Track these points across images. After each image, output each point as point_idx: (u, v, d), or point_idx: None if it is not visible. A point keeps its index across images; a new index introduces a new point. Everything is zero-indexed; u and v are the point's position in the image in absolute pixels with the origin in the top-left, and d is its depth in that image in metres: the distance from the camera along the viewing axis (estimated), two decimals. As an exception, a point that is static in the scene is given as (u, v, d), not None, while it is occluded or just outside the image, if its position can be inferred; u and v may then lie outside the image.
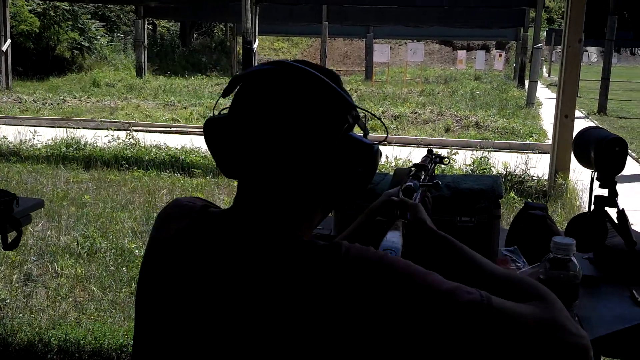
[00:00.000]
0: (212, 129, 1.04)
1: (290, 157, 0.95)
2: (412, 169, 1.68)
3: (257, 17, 16.13)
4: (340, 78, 1.03)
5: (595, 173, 1.71)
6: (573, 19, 6.88)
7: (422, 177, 1.62)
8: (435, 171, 2.08)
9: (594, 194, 1.78)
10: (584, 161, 1.80)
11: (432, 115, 12.45)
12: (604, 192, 1.76)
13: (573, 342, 0.94)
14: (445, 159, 2.07)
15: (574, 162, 6.91)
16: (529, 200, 3.25)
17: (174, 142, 8.84)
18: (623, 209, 1.63)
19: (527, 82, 18.11)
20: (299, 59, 1.04)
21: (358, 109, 1.02)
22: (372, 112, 1.09)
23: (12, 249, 2.23)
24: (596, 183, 1.73)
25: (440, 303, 0.90)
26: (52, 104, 13.33)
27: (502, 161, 7.73)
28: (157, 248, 1.06)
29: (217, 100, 1.09)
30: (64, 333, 3.32)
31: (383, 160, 7.16)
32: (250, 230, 0.96)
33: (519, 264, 1.78)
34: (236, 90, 1.00)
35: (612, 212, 1.73)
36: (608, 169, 1.62)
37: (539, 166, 7.68)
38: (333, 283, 0.89)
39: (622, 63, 41.49)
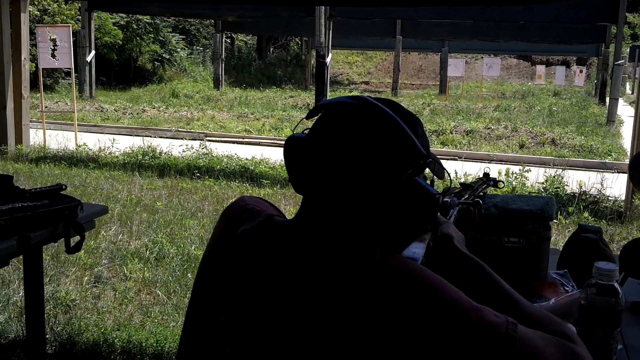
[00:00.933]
0: (291, 146, 1.11)
1: (350, 188, 1.00)
2: (459, 188, 1.69)
3: (331, 31, 16.29)
4: (421, 123, 1.08)
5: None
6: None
7: (466, 196, 1.63)
8: (496, 191, 2.07)
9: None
10: (639, 185, 1.75)
11: (506, 131, 12.22)
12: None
13: None
14: (500, 182, 2.06)
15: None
16: (583, 222, 3.16)
17: (246, 152, 9.04)
18: (676, 236, 1.58)
19: (607, 99, 17.51)
20: (384, 98, 1.09)
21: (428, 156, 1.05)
22: (439, 160, 1.12)
23: (74, 253, 2.35)
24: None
25: (464, 320, 0.91)
26: (131, 113, 13.87)
27: (577, 180, 7.51)
28: (221, 244, 1.14)
29: (300, 121, 1.16)
30: (128, 335, 3.45)
31: (452, 175, 7.08)
32: (306, 244, 1.03)
33: (567, 288, 1.75)
34: (319, 115, 1.07)
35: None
36: (661, 194, 1.57)
37: (616, 186, 7.42)
38: (365, 289, 0.93)
39: None
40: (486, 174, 2.01)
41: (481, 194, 1.96)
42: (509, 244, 1.82)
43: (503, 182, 2.03)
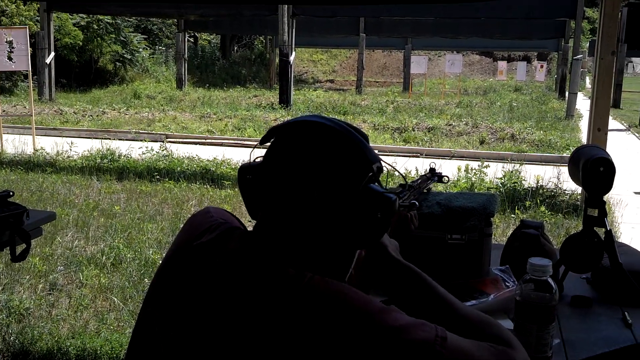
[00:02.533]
0: (245, 173, 1.15)
1: (311, 202, 1.03)
2: (399, 189, 1.69)
3: (294, 29, 16.26)
4: (367, 136, 1.14)
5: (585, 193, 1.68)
6: (606, 30, 6.76)
7: (405, 197, 1.63)
8: (436, 187, 2.08)
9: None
10: (576, 180, 1.78)
11: (467, 128, 12.34)
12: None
13: None
14: (445, 177, 2.07)
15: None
16: (524, 218, 3.20)
17: (208, 153, 8.98)
18: (610, 230, 1.61)
19: (567, 94, 17.81)
20: (332, 118, 1.14)
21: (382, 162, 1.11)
22: (392, 165, 1.23)
23: (20, 261, 2.30)
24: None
25: (389, 340, 0.92)
26: (91, 115, 13.66)
27: (535, 174, 7.62)
28: (177, 256, 1.14)
29: (255, 147, 1.18)
30: (82, 343, 3.40)
31: (412, 173, 7.13)
32: (253, 261, 1.03)
33: (508, 284, 1.77)
34: (273, 139, 1.10)
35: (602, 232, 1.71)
36: (595, 189, 1.59)
37: (569, 180, 7.54)
38: (288, 311, 0.94)
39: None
40: (432, 169, 2.02)
41: (425, 190, 1.97)
42: (452, 240, 1.83)
43: (448, 177, 2.04)
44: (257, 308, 0.97)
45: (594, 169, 1.55)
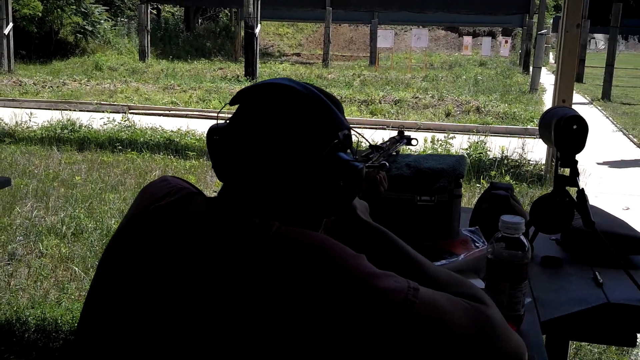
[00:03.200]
0: (213, 134, 1.10)
1: (274, 166, 1.00)
2: (368, 149, 1.64)
3: (259, 2, 16.01)
4: (341, 104, 1.10)
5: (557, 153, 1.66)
6: (571, 3, 6.78)
7: (375, 158, 1.59)
8: (403, 151, 2.04)
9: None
10: (547, 141, 1.75)
11: (433, 100, 12.37)
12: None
13: (507, 350, 0.91)
14: (414, 140, 2.03)
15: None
16: (493, 181, 3.19)
17: (172, 124, 8.82)
18: (583, 189, 1.59)
19: (531, 68, 17.95)
20: (291, 79, 1.09)
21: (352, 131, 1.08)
22: (360, 134, 1.19)
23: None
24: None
25: (361, 286, 0.88)
26: (51, 86, 13.29)
27: (500, 145, 7.68)
28: (133, 222, 1.08)
29: (224, 106, 1.15)
30: (42, 312, 3.31)
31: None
32: (216, 220, 0.98)
33: (478, 244, 1.74)
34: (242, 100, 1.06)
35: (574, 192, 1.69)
36: (567, 148, 1.57)
37: (537, 151, 7.62)
38: (256, 261, 0.90)
39: (630, 50, 41.13)
40: (400, 132, 1.98)
41: (394, 152, 1.93)
42: (421, 202, 1.80)
43: (417, 140, 2.00)
44: (221, 264, 0.92)
45: (567, 127, 1.53)
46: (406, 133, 1.95)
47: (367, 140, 1.22)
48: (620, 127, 11.16)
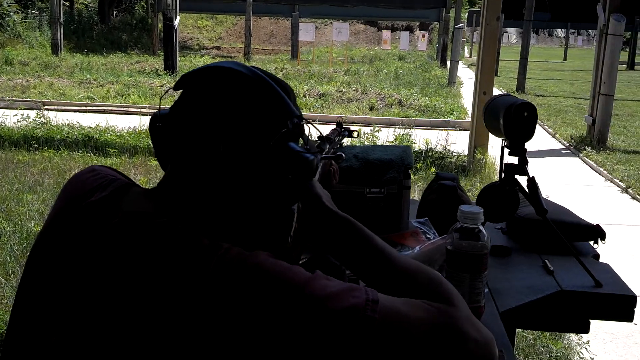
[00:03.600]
0: (155, 121, 1.03)
1: (217, 155, 0.93)
2: (317, 141, 1.59)
3: (178, -7, 15.65)
4: (293, 91, 1.04)
5: (505, 141, 1.65)
6: (491, -3, 6.94)
7: (327, 149, 1.54)
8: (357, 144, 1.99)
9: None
10: (494, 129, 1.74)
11: (357, 94, 12.45)
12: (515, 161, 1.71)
13: (475, 352, 0.87)
14: (355, 132, 1.99)
15: (492, 137, 7.00)
16: (439, 171, 3.21)
17: (89, 121, 8.48)
18: (533, 177, 1.59)
19: (448, 62, 18.36)
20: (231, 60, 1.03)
21: (302, 121, 1.02)
22: (311, 122, 1.11)
23: None
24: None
25: (316, 311, 0.82)
26: (-43, 82, 12.58)
27: (424, 138, 7.79)
28: (61, 219, 0.99)
29: (166, 92, 1.07)
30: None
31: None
32: (159, 224, 0.90)
33: (429, 236, 1.72)
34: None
35: (523, 181, 1.69)
36: (517, 136, 1.56)
37: (460, 142, 7.78)
38: (203, 285, 0.83)
39: (540, 44, 42.85)
40: (339, 124, 1.93)
41: (338, 145, 1.88)
42: (371, 194, 1.76)
43: (357, 132, 1.95)
44: (161, 281, 0.84)
45: (518, 115, 1.51)
46: (331, 128, 1.91)
47: (317, 130, 1.16)
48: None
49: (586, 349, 3.11)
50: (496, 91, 15.46)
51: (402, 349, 0.83)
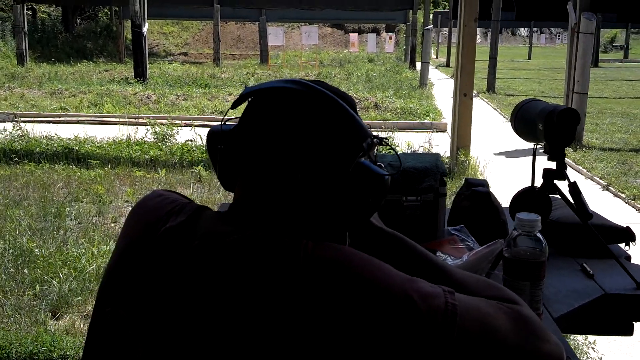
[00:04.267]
0: (215, 140, 1.02)
1: (295, 182, 0.93)
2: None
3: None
4: (355, 103, 1.01)
5: (542, 145, 1.68)
6: (469, -1, 7.02)
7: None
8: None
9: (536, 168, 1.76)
10: (526, 135, 1.77)
11: (332, 98, 12.46)
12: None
13: (548, 350, 0.88)
14: (385, 140, 2.00)
15: (474, 138, 7.06)
16: (468, 177, 3.24)
17: (66, 132, 8.36)
18: (575, 182, 1.61)
19: (418, 64, 18.51)
20: (315, 79, 1.00)
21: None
22: (386, 139, 1.06)
23: None
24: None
25: (399, 296, 0.83)
26: None
27: (405, 141, 7.84)
28: (138, 247, 0.98)
29: (227, 111, 1.01)
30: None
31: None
32: (234, 239, 0.90)
33: (468, 243, 1.74)
34: (249, 103, 0.98)
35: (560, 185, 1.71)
36: (559, 141, 1.59)
37: (441, 145, 7.86)
38: (292, 284, 0.84)
39: (504, 43, 43.46)
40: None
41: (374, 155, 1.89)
42: (407, 202, 1.77)
43: (387, 139, 1.96)
44: (255, 288, 0.85)
45: (562, 120, 1.54)
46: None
47: (389, 146, 1.16)
48: (508, 118, 11.71)
49: (593, 348, 3.17)
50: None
51: (483, 342, 0.84)
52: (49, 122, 9.99)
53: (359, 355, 0.81)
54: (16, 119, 8.87)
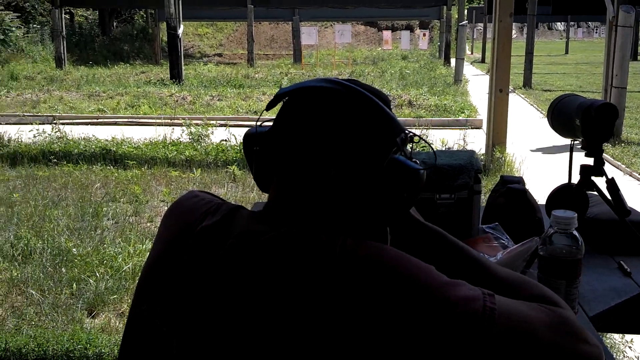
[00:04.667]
0: (252, 143, 1.04)
1: (330, 179, 0.93)
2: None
3: (180, 1, 15.66)
4: (389, 99, 1.02)
5: (579, 141, 1.64)
6: (504, -7, 6.91)
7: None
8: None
9: (574, 164, 1.72)
10: (563, 130, 1.73)
11: (365, 96, 12.42)
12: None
13: (588, 352, 0.87)
14: (416, 137, 1.97)
15: (510, 135, 6.96)
16: (503, 174, 3.19)
17: (103, 133, 8.49)
18: (612, 178, 1.57)
19: (452, 60, 18.36)
20: (348, 78, 1.05)
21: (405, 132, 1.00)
22: (419, 135, 1.07)
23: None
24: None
25: (435, 298, 0.83)
26: (-33, 99, 12.59)
27: (440, 138, 7.77)
28: (175, 246, 0.99)
29: (261, 113, 1.06)
30: (2, 342, 3.09)
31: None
32: (270, 237, 0.90)
33: (503, 241, 1.71)
34: (283, 104, 0.99)
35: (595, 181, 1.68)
36: (597, 137, 1.55)
37: (475, 141, 7.77)
38: (328, 280, 0.83)
39: (541, 38, 42.82)
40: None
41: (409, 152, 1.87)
42: (441, 200, 1.75)
43: (420, 137, 1.94)
44: (290, 285, 0.85)
45: (601, 115, 1.50)
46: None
47: (425, 140, 1.15)
48: (545, 114, 11.52)
49: (630, 347, 3.10)
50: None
51: (521, 344, 0.83)
52: (87, 124, 10.16)
53: (393, 353, 0.81)
54: (55, 122, 9.04)
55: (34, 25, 25.07)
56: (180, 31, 15.50)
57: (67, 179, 6.32)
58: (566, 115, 1.65)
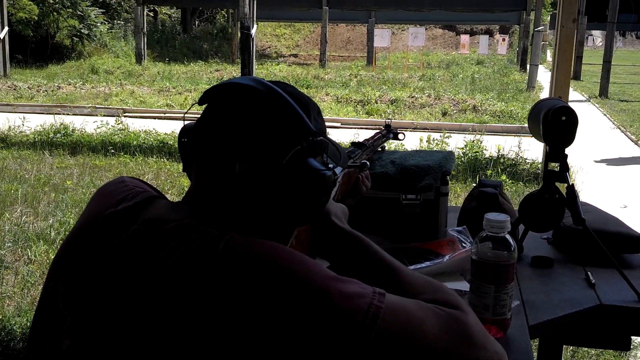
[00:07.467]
0: (182, 135, 1.07)
1: (235, 172, 0.95)
2: (350, 148, 1.57)
3: (255, 2, 15.93)
4: (318, 108, 1.05)
5: (547, 147, 1.59)
6: (567, -2, 6.71)
7: (357, 156, 1.52)
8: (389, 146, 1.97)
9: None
10: (537, 135, 1.68)
11: (430, 100, 12.30)
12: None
13: (484, 359, 0.85)
14: (401, 134, 1.96)
15: (574, 144, 6.79)
16: (483, 177, 3.12)
17: (166, 128, 8.74)
18: (573, 185, 1.52)
19: (528, 66, 17.88)
20: (283, 81, 1.04)
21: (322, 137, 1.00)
22: (332, 140, 1.09)
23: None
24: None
25: (318, 294, 0.82)
26: (46, 90, 13.23)
27: (496, 144, 7.60)
28: (87, 226, 1.01)
29: (192, 105, 1.11)
30: (29, 321, 3.24)
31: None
32: (174, 230, 0.91)
33: (465, 245, 1.67)
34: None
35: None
36: (556, 142, 1.50)
37: (533, 150, 7.55)
38: (205, 276, 0.84)
39: (628, 47, 41.06)
40: (387, 125, 1.90)
41: (380, 149, 1.86)
42: (406, 201, 1.73)
43: (404, 134, 1.92)
44: (170, 277, 0.85)
45: (556, 119, 1.45)
46: (389, 122, 1.89)
47: (337, 147, 1.14)
48: (617, 125, 11.08)
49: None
50: (577, 96, 14.94)
51: (406, 345, 0.82)
52: (153, 118, 10.50)
53: (270, 348, 0.80)
54: (119, 114, 9.38)
55: (118, 22, 26.08)
56: (253, 31, 15.75)
57: (122, 169, 6.56)
58: (535, 120, 1.61)
